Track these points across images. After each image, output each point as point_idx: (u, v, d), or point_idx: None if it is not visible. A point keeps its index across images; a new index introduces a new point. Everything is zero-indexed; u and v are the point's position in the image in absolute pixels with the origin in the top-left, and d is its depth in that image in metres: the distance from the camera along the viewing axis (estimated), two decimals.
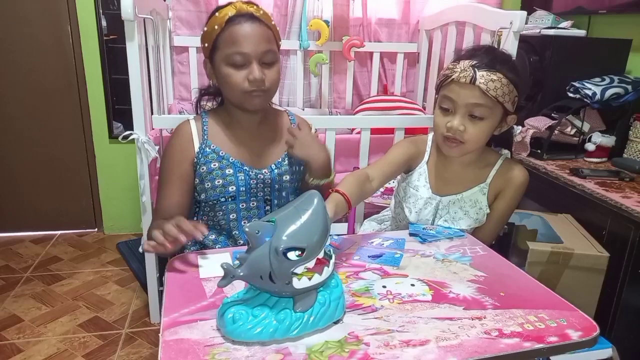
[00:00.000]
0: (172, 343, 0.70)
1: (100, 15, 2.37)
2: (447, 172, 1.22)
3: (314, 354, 0.69)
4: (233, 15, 1.11)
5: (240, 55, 1.11)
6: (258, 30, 1.12)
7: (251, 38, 1.11)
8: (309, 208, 0.73)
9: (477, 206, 1.19)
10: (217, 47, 1.14)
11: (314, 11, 2.34)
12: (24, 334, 1.84)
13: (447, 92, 1.11)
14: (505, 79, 1.06)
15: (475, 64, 1.06)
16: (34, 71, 2.46)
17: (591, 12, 2.08)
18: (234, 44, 1.11)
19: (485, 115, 1.09)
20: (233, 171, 1.19)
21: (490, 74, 1.05)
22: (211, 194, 1.20)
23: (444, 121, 1.12)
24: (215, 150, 1.19)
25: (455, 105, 1.10)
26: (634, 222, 1.33)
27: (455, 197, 1.20)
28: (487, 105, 1.07)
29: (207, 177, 1.19)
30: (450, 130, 1.11)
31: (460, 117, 1.10)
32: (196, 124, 1.22)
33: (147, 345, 1.81)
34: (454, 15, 2.10)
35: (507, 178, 1.19)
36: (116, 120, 2.55)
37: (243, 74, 1.12)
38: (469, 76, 1.06)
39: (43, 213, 2.68)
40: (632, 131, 1.79)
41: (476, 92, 1.06)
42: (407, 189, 1.26)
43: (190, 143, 1.20)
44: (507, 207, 1.21)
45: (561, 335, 0.74)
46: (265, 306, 0.74)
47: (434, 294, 0.86)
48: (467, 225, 1.19)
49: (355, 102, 2.53)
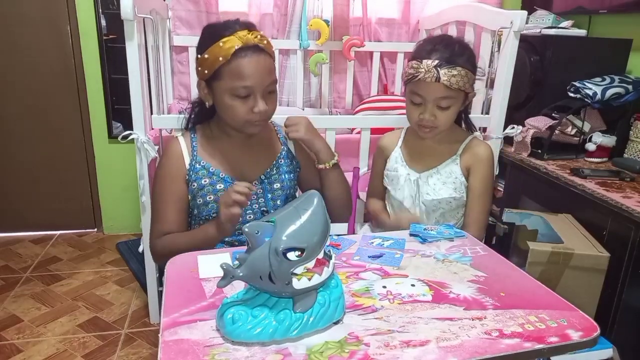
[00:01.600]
0: (172, 343, 0.70)
1: (99, 15, 2.37)
2: (421, 147, 1.38)
3: (313, 354, 0.69)
4: (239, 48, 1.09)
5: (245, 89, 1.11)
6: (264, 63, 1.12)
7: (257, 72, 1.11)
8: (309, 208, 0.73)
9: (452, 176, 1.34)
10: (219, 76, 1.12)
11: (314, 11, 2.33)
12: (24, 334, 1.84)
13: (415, 88, 1.26)
14: (464, 70, 1.22)
15: (437, 64, 1.20)
16: (34, 71, 2.46)
17: (592, 11, 2.07)
18: (240, 77, 1.10)
19: (451, 103, 1.25)
20: (224, 186, 1.20)
21: (451, 70, 1.20)
22: (204, 209, 1.21)
23: (416, 112, 1.28)
24: (205, 167, 1.20)
25: (424, 99, 1.26)
26: (635, 222, 1.33)
27: (432, 171, 1.36)
28: (452, 96, 1.24)
29: (199, 194, 1.20)
30: (423, 121, 1.27)
31: (430, 108, 1.26)
32: (185, 140, 1.23)
33: (147, 345, 1.81)
34: (454, 14, 2.09)
35: (474, 153, 1.34)
36: (116, 120, 2.55)
37: (247, 105, 1.12)
38: (434, 76, 1.21)
39: (42, 213, 2.68)
40: (632, 131, 1.78)
41: (441, 87, 1.22)
42: (388, 173, 1.44)
43: (180, 160, 1.20)
44: (482, 182, 1.33)
45: (562, 335, 0.74)
46: (264, 306, 0.73)
47: (434, 294, 0.86)
48: (448, 195, 1.34)
49: (355, 101, 2.53)
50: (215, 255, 1.00)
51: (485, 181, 1.33)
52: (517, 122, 1.82)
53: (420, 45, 1.30)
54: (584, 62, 1.89)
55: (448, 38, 1.31)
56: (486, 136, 1.79)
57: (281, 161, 1.29)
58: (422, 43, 1.31)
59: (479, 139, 1.39)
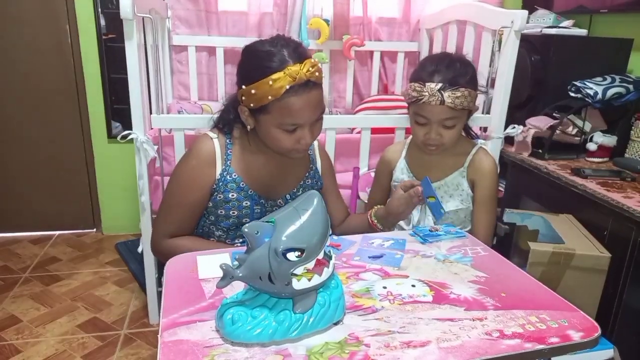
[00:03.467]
0: (171, 344, 0.70)
1: (99, 14, 2.36)
2: (426, 160, 1.37)
3: (313, 355, 0.68)
4: (291, 87, 1.02)
5: (295, 125, 1.07)
6: (315, 97, 1.06)
7: (309, 108, 1.06)
8: (309, 208, 0.73)
9: (459, 188, 1.34)
10: (266, 110, 1.06)
11: (314, 10, 2.33)
12: (23, 335, 1.83)
13: (419, 110, 1.26)
14: (467, 90, 1.22)
15: (441, 87, 1.21)
16: (33, 70, 2.45)
17: (592, 11, 2.07)
18: (290, 115, 1.05)
19: (456, 122, 1.26)
20: (250, 204, 1.17)
21: (455, 92, 1.21)
22: (223, 221, 1.19)
23: (422, 132, 1.29)
24: (235, 181, 1.16)
25: (429, 120, 1.26)
26: (636, 223, 1.33)
27: (440, 183, 1.35)
28: (457, 116, 1.24)
29: (223, 206, 1.17)
30: (430, 140, 1.27)
31: (435, 128, 1.26)
32: (219, 144, 1.17)
33: (146, 346, 1.80)
34: (455, 14, 2.09)
35: (479, 168, 1.34)
36: (115, 120, 2.54)
37: (295, 137, 1.09)
38: (438, 99, 1.21)
39: (41, 213, 2.68)
40: (633, 131, 1.78)
41: (446, 109, 1.22)
42: (396, 185, 1.40)
43: (212, 168, 1.15)
44: (487, 194, 1.34)
45: (562, 336, 0.73)
46: (264, 307, 0.73)
47: (434, 294, 0.85)
48: (454, 207, 1.34)
49: (356, 101, 2.53)
50: (215, 255, 1.00)
51: (491, 193, 1.34)
52: (518, 121, 1.81)
53: (422, 66, 1.29)
54: (584, 61, 1.89)
55: (449, 57, 1.29)
56: (487, 136, 1.78)
57: (308, 181, 1.28)
58: (424, 63, 1.30)
59: (484, 150, 1.38)
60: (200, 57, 2.35)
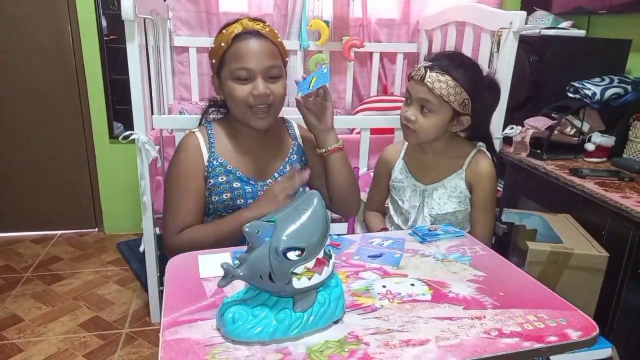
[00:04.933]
0: (172, 343, 0.70)
1: (100, 16, 2.37)
2: (424, 161, 1.38)
3: (313, 353, 0.69)
4: (239, 33, 1.13)
5: (244, 71, 1.13)
6: (263, 46, 1.15)
7: (256, 54, 1.13)
8: (309, 208, 0.73)
9: (457, 190, 1.34)
10: (223, 63, 1.16)
11: (314, 11, 2.34)
12: (25, 334, 1.84)
13: (408, 86, 1.30)
14: (452, 81, 1.20)
15: (429, 65, 1.22)
16: (34, 71, 2.46)
17: (591, 12, 2.07)
18: (238, 59, 1.13)
19: (434, 110, 1.24)
20: (240, 185, 1.21)
21: (438, 76, 1.21)
22: (219, 207, 1.22)
23: (403, 111, 1.31)
24: (222, 164, 1.20)
25: (411, 98, 1.28)
26: (634, 222, 1.33)
27: (438, 184, 1.36)
28: (434, 102, 1.23)
29: (215, 191, 1.20)
30: (405, 119, 1.29)
31: (414, 108, 1.27)
32: (202, 135, 1.23)
33: (148, 345, 1.81)
34: (454, 15, 2.10)
35: (476, 172, 1.33)
36: (116, 121, 2.55)
37: (247, 88, 1.14)
38: (420, 74, 1.22)
39: (43, 213, 2.69)
40: (631, 131, 1.78)
41: (424, 88, 1.22)
42: (395, 184, 1.43)
43: (199, 157, 1.20)
44: (486, 197, 1.34)
45: (561, 335, 0.74)
46: (265, 306, 0.74)
47: (433, 293, 0.86)
48: (452, 209, 1.34)
49: (355, 102, 2.53)
50: (216, 254, 1.00)
51: (490, 195, 1.34)
52: (516, 122, 1.82)
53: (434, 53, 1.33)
54: (583, 62, 1.89)
55: (459, 54, 1.31)
56: None
57: (293, 157, 1.32)
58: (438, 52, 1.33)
59: (483, 152, 1.36)
60: (201, 58, 2.36)
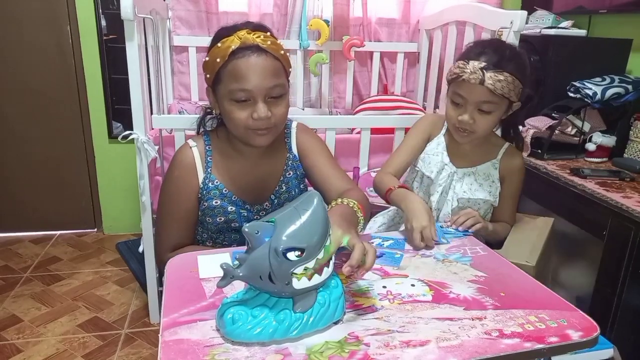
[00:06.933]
0: (172, 343, 0.70)
1: (99, 15, 2.37)
2: (460, 149, 1.33)
3: (313, 354, 0.68)
4: (237, 48, 1.01)
5: (243, 92, 1.03)
6: (264, 63, 1.03)
7: (256, 73, 1.02)
8: (309, 208, 0.73)
9: (489, 179, 1.31)
10: (219, 79, 1.05)
11: (314, 11, 2.33)
12: (24, 334, 1.84)
13: (457, 89, 1.21)
14: (511, 77, 1.16)
15: (484, 66, 1.16)
16: (34, 71, 2.46)
17: (592, 11, 2.07)
18: (236, 79, 1.02)
19: (493, 109, 1.20)
20: (235, 209, 1.16)
21: (497, 75, 1.15)
22: (212, 229, 1.18)
23: (455, 114, 1.23)
24: (218, 187, 1.15)
25: (465, 101, 1.21)
26: (635, 222, 1.33)
27: (470, 170, 1.32)
28: (495, 102, 1.19)
29: (209, 213, 1.16)
30: (461, 123, 1.22)
31: (470, 111, 1.21)
32: (199, 150, 1.16)
33: (147, 345, 1.81)
34: (455, 14, 2.09)
35: (511, 164, 1.32)
36: (116, 120, 2.55)
37: (247, 111, 1.04)
38: (478, 78, 1.15)
39: (42, 213, 2.68)
40: (632, 131, 1.78)
41: (485, 91, 1.16)
42: (425, 157, 1.35)
43: (194, 177, 1.15)
44: (516, 191, 1.34)
45: (562, 335, 0.73)
46: (264, 306, 0.73)
47: (434, 294, 0.85)
48: (482, 196, 1.30)
49: (355, 101, 2.53)
50: (215, 255, 1.00)
51: (520, 189, 1.35)
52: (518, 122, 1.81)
53: (470, 47, 1.25)
54: (583, 62, 1.89)
55: (500, 42, 1.26)
56: None
57: (288, 174, 1.22)
58: (472, 45, 1.26)
59: (513, 147, 1.36)
60: (201, 58, 2.35)
